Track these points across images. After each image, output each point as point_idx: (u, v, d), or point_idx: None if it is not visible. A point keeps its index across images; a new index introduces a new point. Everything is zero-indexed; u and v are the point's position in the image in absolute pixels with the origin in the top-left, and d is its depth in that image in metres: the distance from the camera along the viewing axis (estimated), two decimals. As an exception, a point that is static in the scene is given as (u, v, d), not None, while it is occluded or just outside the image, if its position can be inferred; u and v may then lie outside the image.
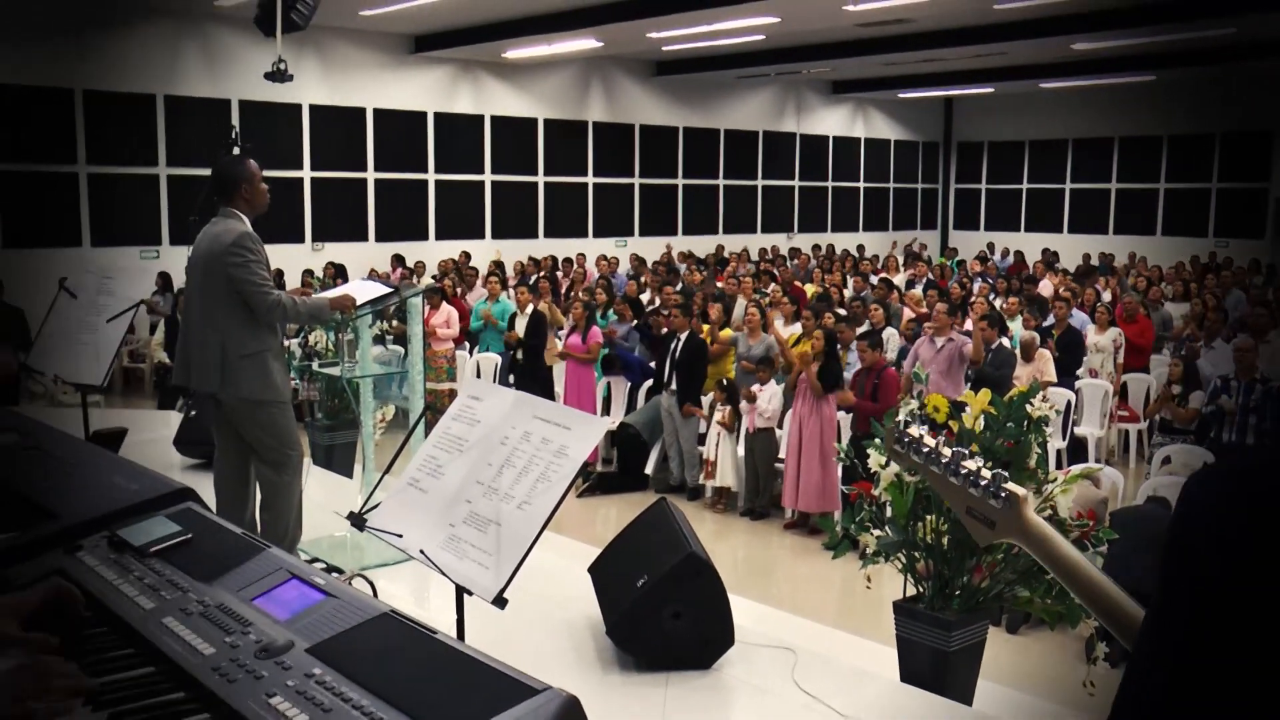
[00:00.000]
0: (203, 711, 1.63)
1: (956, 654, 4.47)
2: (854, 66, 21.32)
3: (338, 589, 1.88)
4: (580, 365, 11.10)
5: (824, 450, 8.88)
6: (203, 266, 5.17)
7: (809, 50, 19.19)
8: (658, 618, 3.97)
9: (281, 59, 11.15)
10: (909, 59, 19.86)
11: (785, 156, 25.05)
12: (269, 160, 5.43)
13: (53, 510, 2.44)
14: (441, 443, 2.72)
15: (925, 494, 4.56)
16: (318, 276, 15.50)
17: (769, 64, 20.22)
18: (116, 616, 1.93)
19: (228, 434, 5.30)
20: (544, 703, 1.42)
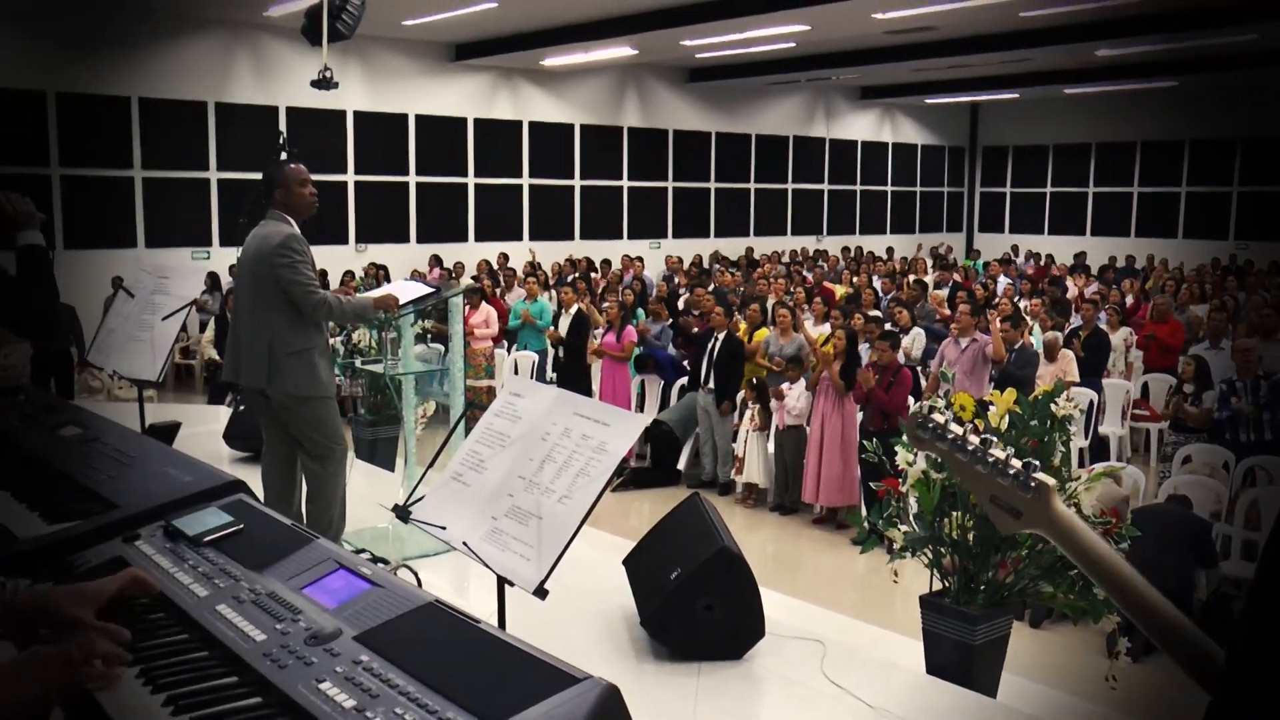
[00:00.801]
0: (254, 695, 1.64)
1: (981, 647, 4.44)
2: (882, 73, 21.24)
3: (383, 579, 1.89)
4: (615, 363, 11.13)
5: (845, 446, 8.87)
6: (251, 267, 5.20)
7: (838, 57, 19.15)
8: (690, 609, 3.96)
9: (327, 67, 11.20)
10: (936, 65, 19.76)
11: (815, 161, 24.98)
12: (315, 164, 5.46)
13: (112, 500, 2.46)
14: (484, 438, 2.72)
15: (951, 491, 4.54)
16: (360, 277, 15.61)
17: (799, 70, 20.17)
18: (172, 603, 1.95)
19: (275, 428, 5.33)
20: (585, 691, 1.42)
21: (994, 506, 1.82)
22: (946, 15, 14.79)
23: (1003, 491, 1.79)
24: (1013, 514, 1.80)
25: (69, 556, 2.21)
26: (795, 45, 17.63)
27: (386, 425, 8.49)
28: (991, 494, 1.81)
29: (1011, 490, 1.79)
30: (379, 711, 1.48)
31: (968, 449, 1.84)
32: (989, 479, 1.81)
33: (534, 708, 1.40)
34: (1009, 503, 1.79)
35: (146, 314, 4.13)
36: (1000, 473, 1.80)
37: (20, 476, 2.71)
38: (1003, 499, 1.80)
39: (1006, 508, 1.80)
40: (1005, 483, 1.79)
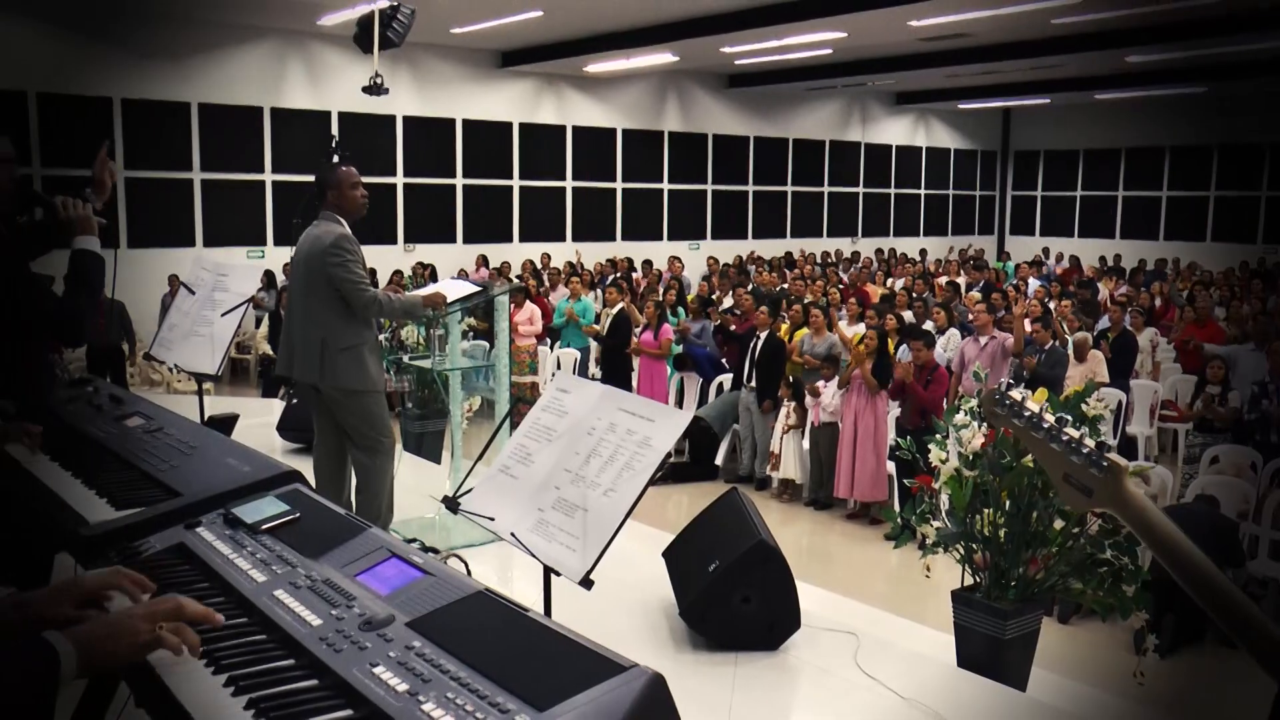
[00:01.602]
0: (311, 678, 1.65)
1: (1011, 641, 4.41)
2: (916, 78, 21.12)
3: (434, 567, 1.90)
4: (653, 360, 11.15)
5: (877, 442, 8.85)
6: (305, 266, 5.24)
7: (874, 63, 19.07)
8: (728, 601, 3.96)
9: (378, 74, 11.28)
10: (969, 71, 19.62)
11: (850, 164, 24.89)
12: (365, 167, 5.49)
13: (175, 488, 2.49)
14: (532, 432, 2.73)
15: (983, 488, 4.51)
16: (408, 276, 15.70)
17: (836, 76, 20.08)
18: (232, 587, 1.97)
19: (326, 421, 5.37)
20: (631, 679, 1.42)
21: (1066, 485, 1.82)
22: (980, 22, 14.70)
23: (1075, 470, 1.79)
24: (1084, 492, 1.80)
25: (134, 542, 2.24)
26: (832, 52, 17.56)
27: (433, 419, 8.53)
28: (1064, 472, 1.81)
29: (1083, 469, 1.78)
30: (431, 696, 1.48)
31: (1043, 427, 1.84)
32: (1062, 457, 1.81)
33: (581, 694, 1.40)
34: (1080, 481, 1.79)
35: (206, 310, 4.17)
36: (1073, 451, 1.80)
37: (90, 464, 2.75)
38: (1075, 477, 1.79)
39: (1078, 486, 1.80)
40: (1078, 461, 1.79)
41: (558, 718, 1.38)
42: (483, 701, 1.45)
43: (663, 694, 1.43)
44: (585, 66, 18.53)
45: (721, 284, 15.64)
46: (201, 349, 4.16)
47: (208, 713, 1.56)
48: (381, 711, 1.49)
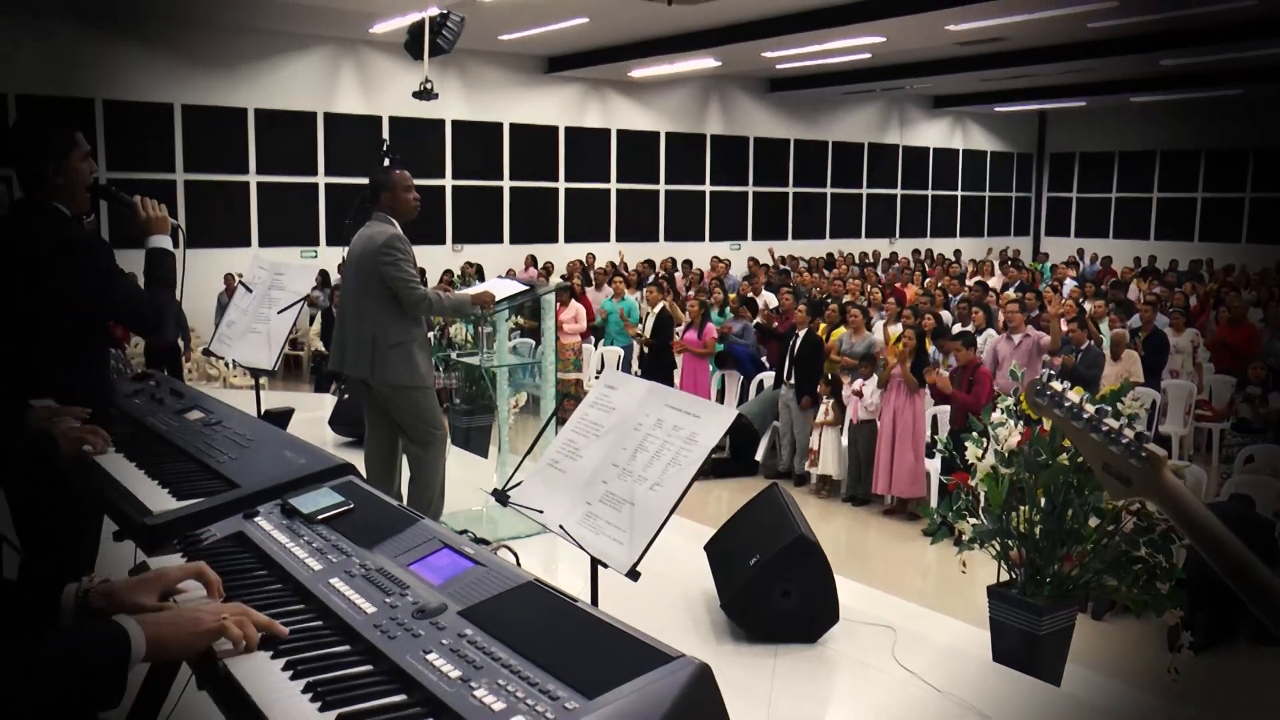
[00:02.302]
0: (365, 663, 1.66)
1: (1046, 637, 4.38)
2: (953, 82, 20.96)
3: (485, 558, 1.90)
4: (696, 359, 11.15)
5: (915, 439, 8.80)
6: (357, 265, 5.28)
7: (912, 67, 18.95)
8: (768, 594, 3.96)
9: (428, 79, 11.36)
10: (1005, 75, 19.44)
11: (888, 167, 24.76)
12: (415, 170, 5.53)
13: (233, 479, 2.52)
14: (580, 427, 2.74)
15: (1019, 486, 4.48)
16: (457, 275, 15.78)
17: (874, 80, 19.98)
18: (289, 575, 1.98)
19: (378, 415, 5.40)
20: (678, 669, 1.42)
21: (1106, 475, 1.80)
22: (1016, 26, 14.55)
23: (1114, 460, 1.78)
24: (1123, 481, 1.78)
25: (195, 530, 2.26)
26: (871, 56, 17.47)
27: (480, 415, 8.57)
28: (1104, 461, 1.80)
29: (1123, 459, 1.77)
30: (483, 682, 1.49)
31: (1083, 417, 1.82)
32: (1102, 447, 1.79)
33: (630, 683, 1.40)
34: (1120, 470, 1.77)
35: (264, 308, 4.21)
36: (1113, 441, 1.78)
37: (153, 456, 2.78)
38: (1114, 467, 1.78)
39: (1117, 475, 1.78)
40: (1117, 451, 1.78)
41: (606, 705, 1.38)
42: (533, 688, 1.45)
43: (709, 684, 1.43)
44: (629, 71, 18.54)
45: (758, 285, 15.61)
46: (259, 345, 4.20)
47: (267, 695, 1.57)
48: (435, 697, 1.49)
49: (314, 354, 14.30)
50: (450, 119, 17.84)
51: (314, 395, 10.42)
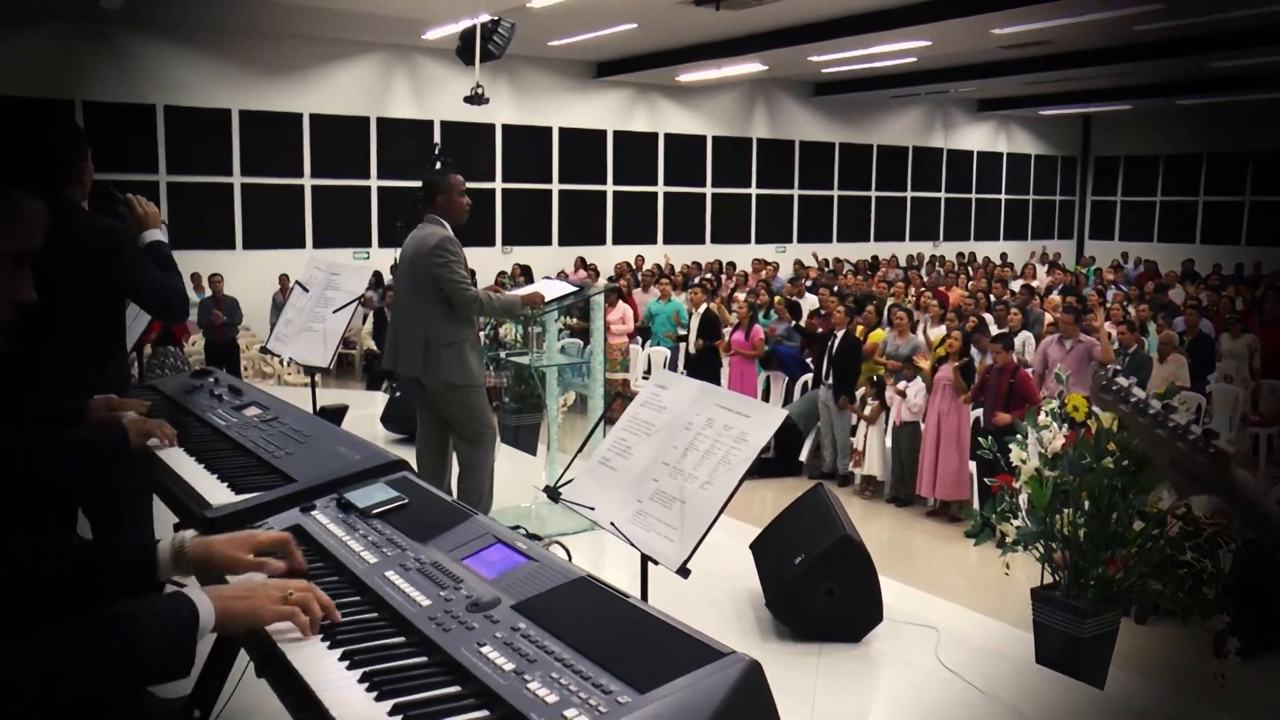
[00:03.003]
0: (420, 655, 1.67)
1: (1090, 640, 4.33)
2: (998, 85, 20.79)
3: (538, 553, 1.91)
4: (743, 360, 11.14)
5: (960, 442, 8.72)
6: (410, 266, 5.32)
7: (957, 71, 18.81)
8: (813, 593, 3.95)
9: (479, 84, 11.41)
10: (1050, 78, 19.23)
11: (933, 170, 24.58)
12: (465, 173, 5.56)
13: (290, 474, 2.54)
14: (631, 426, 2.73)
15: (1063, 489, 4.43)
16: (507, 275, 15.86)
17: (919, 84, 19.87)
18: (345, 568, 2.00)
19: (429, 413, 5.44)
20: (729, 665, 1.42)
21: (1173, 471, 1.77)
22: (1062, 30, 14.38)
23: (1181, 456, 1.74)
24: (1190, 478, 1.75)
25: (254, 524, 2.28)
26: (916, 60, 17.37)
27: (529, 413, 8.59)
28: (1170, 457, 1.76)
29: (1189, 455, 1.73)
30: (536, 675, 1.49)
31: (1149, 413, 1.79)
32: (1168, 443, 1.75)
33: (681, 678, 1.40)
34: (1187, 467, 1.74)
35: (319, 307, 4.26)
36: (1180, 438, 1.75)
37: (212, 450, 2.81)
38: (1181, 463, 1.75)
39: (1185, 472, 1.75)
40: (1184, 447, 1.74)
41: (658, 700, 1.37)
42: (586, 682, 1.45)
43: (759, 681, 1.42)
44: (677, 76, 18.54)
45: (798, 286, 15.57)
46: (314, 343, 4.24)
47: (324, 684, 1.59)
48: (489, 689, 1.50)
49: (366, 353, 14.42)
50: (501, 123, 17.92)
51: (366, 393, 10.50)
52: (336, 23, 14.64)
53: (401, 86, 17.09)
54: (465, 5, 11.81)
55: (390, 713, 1.50)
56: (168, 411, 3.19)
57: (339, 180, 16.60)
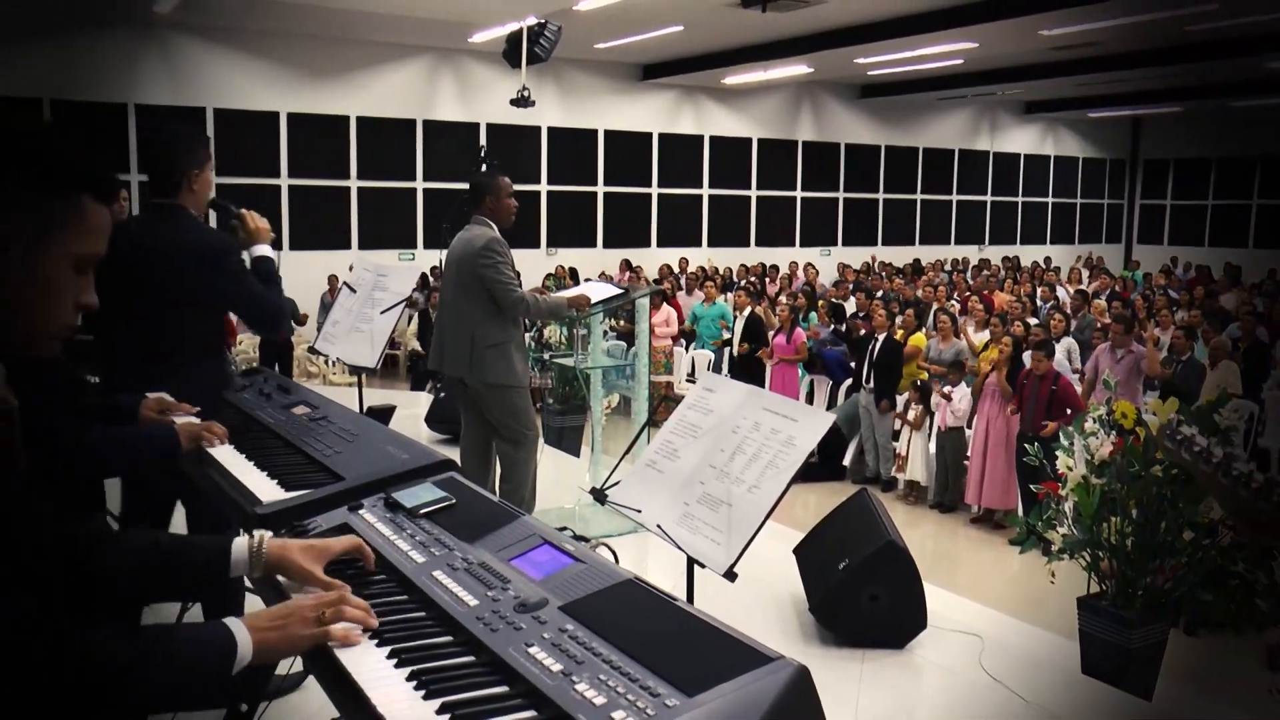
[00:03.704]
0: (468, 654, 1.67)
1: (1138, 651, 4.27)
2: (1046, 88, 20.56)
3: (585, 554, 1.91)
4: (786, 364, 11.10)
5: (1009, 449, 8.62)
6: (457, 267, 5.35)
7: (1004, 73, 18.62)
8: (857, 598, 3.93)
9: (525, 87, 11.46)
10: (1099, 80, 18.97)
11: (979, 173, 24.37)
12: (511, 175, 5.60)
13: (338, 472, 2.56)
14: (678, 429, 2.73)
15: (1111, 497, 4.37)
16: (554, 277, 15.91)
17: (966, 86, 19.69)
18: (393, 567, 2.01)
19: (473, 414, 5.47)
20: (777, 670, 1.41)
21: (1239, 518, 1.77)
22: (1112, 31, 14.19)
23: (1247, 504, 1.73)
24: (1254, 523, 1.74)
25: (302, 521, 2.30)
26: (963, 62, 17.23)
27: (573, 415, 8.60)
28: (1236, 507, 1.76)
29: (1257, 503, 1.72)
30: (584, 677, 1.49)
31: (1213, 462, 1.78)
32: (1234, 492, 1.75)
33: (729, 682, 1.39)
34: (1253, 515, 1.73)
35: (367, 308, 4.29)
36: (1244, 485, 1.74)
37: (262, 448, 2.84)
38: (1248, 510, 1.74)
39: (1251, 520, 1.74)
40: (1246, 495, 1.73)
41: (706, 704, 1.37)
42: (634, 684, 1.45)
43: (807, 686, 1.42)
44: (723, 79, 18.52)
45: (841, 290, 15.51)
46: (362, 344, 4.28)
47: (372, 682, 1.60)
48: (536, 689, 1.50)
49: (411, 353, 14.51)
50: (546, 126, 17.98)
51: (410, 393, 10.57)
52: (384, 26, 14.75)
53: (448, 89, 17.19)
54: (512, 8, 11.86)
55: (438, 711, 1.51)
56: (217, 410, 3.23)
57: (385, 182, 16.72)
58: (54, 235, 1.48)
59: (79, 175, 1.50)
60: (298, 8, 13.35)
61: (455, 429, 6.12)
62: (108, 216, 1.54)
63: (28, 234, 1.45)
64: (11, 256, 1.44)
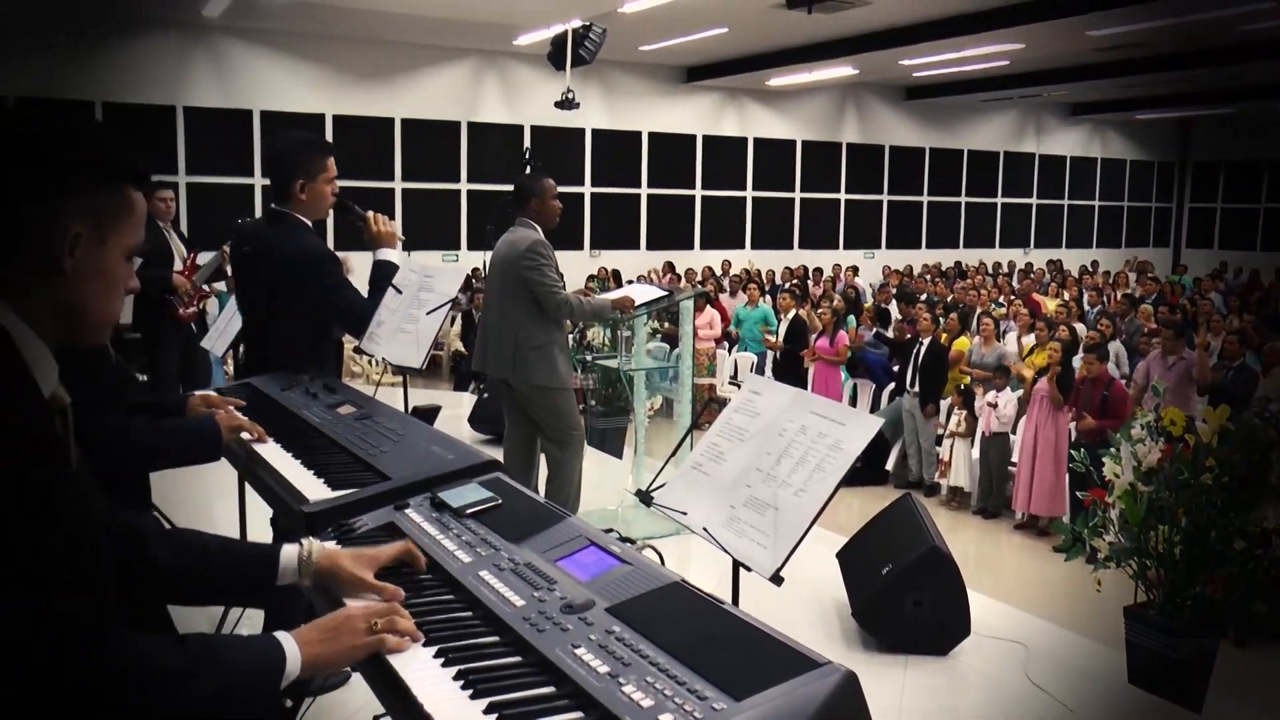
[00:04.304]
0: (514, 654, 1.68)
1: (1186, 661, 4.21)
2: (1093, 89, 20.31)
3: (632, 556, 1.90)
4: (828, 366, 11.05)
5: (1057, 456, 8.51)
6: (501, 269, 5.38)
7: (1050, 74, 18.41)
8: (900, 604, 3.91)
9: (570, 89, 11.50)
10: (1147, 81, 18.68)
11: (1024, 176, 24.13)
12: (554, 177, 5.62)
13: (384, 472, 2.57)
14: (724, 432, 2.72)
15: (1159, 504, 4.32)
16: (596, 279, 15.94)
17: (1011, 88, 19.49)
18: (439, 566, 2.02)
19: (517, 415, 5.49)
20: (825, 675, 1.41)
21: None
22: (1161, 31, 13.97)
23: None
24: None
25: (349, 520, 2.32)
26: (1009, 63, 17.08)
27: (616, 416, 8.62)
28: None
29: None
30: (631, 679, 1.49)
31: None
32: None
33: (777, 686, 1.39)
34: None
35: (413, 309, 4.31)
36: None
37: (309, 447, 2.87)
38: None
39: None
40: None
41: (754, 708, 1.37)
42: (681, 687, 1.44)
43: (855, 692, 1.41)
44: (767, 80, 18.47)
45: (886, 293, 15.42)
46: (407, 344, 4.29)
47: (419, 680, 1.60)
48: (584, 690, 1.50)
49: (454, 354, 14.58)
50: (590, 128, 18.02)
51: (453, 393, 10.62)
52: (429, 29, 14.85)
53: (492, 91, 17.28)
54: (557, 11, 11.90)
55: (485, 711, 1.52)
56: (264, 409, 3.26)
57: (429, 184, 16.82)
58: (111, 229, 1.53)
59: (126, 169, 1.54)
60: (344, 11, 13.47)
61: (498, 429, 6.14)
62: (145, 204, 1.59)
63: (92, 231, 1.50)
64: (81, 256, 1.49)
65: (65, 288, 1.49)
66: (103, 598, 1.46)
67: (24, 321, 1.47)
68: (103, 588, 1.48)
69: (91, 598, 1.42)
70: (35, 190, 1.46)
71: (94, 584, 1.47)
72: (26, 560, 1.31)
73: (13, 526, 1.31)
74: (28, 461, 1.35)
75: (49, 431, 1.43)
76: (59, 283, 1.48)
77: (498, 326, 5.36)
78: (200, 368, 7.88)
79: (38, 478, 1.35)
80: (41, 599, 1.32)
